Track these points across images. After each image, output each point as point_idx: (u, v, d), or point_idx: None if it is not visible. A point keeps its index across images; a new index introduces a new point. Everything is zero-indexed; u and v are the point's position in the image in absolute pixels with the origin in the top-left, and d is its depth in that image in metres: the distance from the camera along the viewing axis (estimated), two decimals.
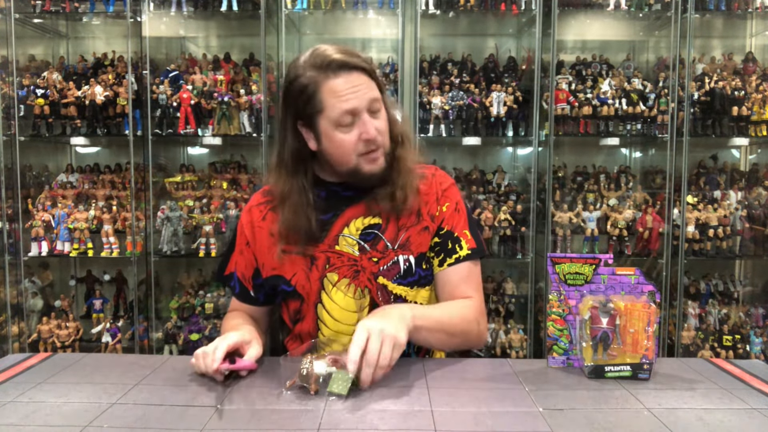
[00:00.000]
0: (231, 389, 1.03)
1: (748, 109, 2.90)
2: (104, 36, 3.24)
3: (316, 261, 1.29)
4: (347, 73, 1.20)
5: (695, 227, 2.88)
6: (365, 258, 1.29)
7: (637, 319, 1.07)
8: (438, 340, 1.22)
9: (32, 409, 0.94)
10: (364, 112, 1.21)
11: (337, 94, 1.19)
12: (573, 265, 1.14)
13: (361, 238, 1.29)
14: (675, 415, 0.93)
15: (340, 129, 1.22)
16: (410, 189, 1.28)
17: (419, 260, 1.30)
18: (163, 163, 3.08)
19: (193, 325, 2.93)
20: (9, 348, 2.95)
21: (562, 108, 2.86)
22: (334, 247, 1.29)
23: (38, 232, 2.91)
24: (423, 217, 1.32)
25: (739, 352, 2.86)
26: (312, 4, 2.91)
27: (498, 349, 2.90)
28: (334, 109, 1.20)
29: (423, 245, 1.31)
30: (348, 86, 1.20)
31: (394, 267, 1.29)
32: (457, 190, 1.39)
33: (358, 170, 1.25)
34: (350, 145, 1.22)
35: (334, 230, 1.30)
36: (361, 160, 1.24)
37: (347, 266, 1.29)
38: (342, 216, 1.30)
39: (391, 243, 1.30)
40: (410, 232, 1.30)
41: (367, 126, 1.21)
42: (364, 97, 1.21)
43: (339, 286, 1.29)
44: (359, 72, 1.21)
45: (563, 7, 2.85)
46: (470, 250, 1.31)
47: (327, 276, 1.29)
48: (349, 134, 1.22)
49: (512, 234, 2.91)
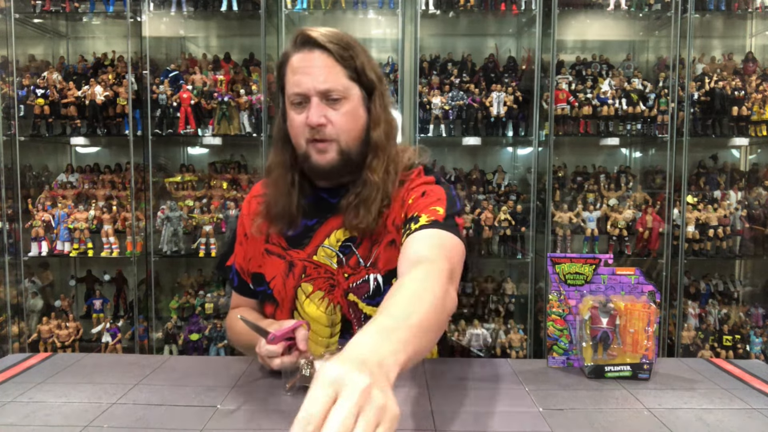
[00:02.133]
0: (231, 389, 1.03)
1: (748, 109, 2.90)
2: (104, 36, 3.24)
3: (294, 268, 1.25)
4: (308, 50, 1.14)
5: (695, 227, 2.88)
6: (341, 272, 1.22)
7: (637, 319, 1.07)
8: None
9: (32, 409, 0.94)
10: (313, 95, 1.13)
11: (293, 69, 1.15)
12: (573, 265, 1.14)
13: (339, 251, 1.22)
14: (675, 415, 0.93)
15: (293, 108, 1.17)
16: (375, 205, 1.17)
17: (387, 278, 1.20)
18: (163, 163, 3.08)
19: (193, 325, 2.93)
20: (9, 348, 2.95)
21: (562, 108, 2.86)
22: (312, 257, 1.23)
23: (38, 232, 2.91)
24: (388, 228, 1.21)
25: (739, 352, 2.86)
26: (312, 4, 2.91)
27: (498, 349, 2.90)
28: (288, 85, 1.16)
29: (391, 261, 1.19)
30: (303, 64, 1.13)
31: (363, 285, 1.21)
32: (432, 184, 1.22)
33: (308, 157, 1.18)
34: (298, 127, 1.16)
35: (317, 239, 1.24)
36: (310, 147, 1.17)
37: (323, 278, 1.23)
38: (326, 224, 1.24)
39: (364, 260, 1.21)
40: (378, 247, 1.21)
41: (311, 111, 1.13)
42: (315, 80, 1.12)
43: (312, 298, 1.23)
44: (323, 53, 1.13)
45: (563, 7, 2.85)
46: (429, 221, 1.09)
47: (301, 285, 1.24)
48: (299, 115, 1.16)
49: (512, 234, 2.91)
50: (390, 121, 1.23)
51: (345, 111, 1.15)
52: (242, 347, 1.33)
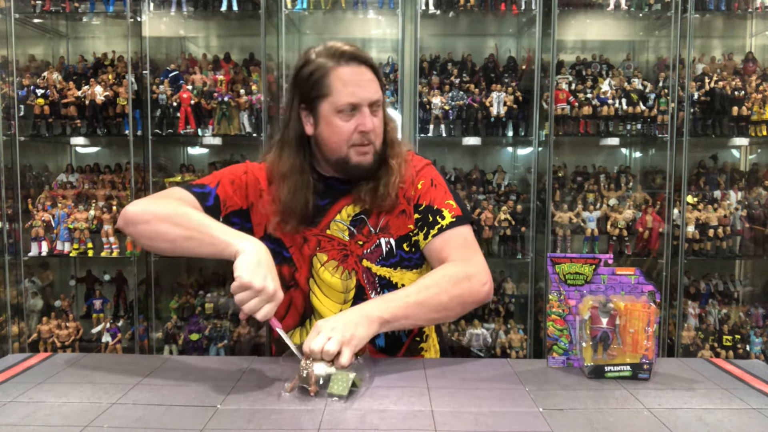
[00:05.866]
0: (231, 389, 1.03)
1: (748, 109, 2.90)
2: (104, 36, 3.24)
3: (308, 242, 1.34)
4: (357, 65, 1.27)
5: (695, 227, 2.88)
6: (353, 242, 1.34)
7: (637, 319, 1.07)
8: (423, 320, 1.22)
9: (32, 409, 0.94)
10: (365, 106, 1.27)
11: (345, 81, 1.25)
12: (573, 265, 1.14)
13: (351, 224, 1.34)
14: (675, 415, 0.93)
15: (340, 116, 1.26)
16: (392, 188, 1.32)
17: (399, 242, 1.34)
18: (163, 163, 3.08)
19: (193, 325, 2.93)
20: (9, 348, 2.95)
21: (562, 108, 2.86)
22: (325, 231, 1.34)
23: (38, 232, 2.91)
24: (399, 200, 1.35)
25: (739, 352, 2.86)
26: (312, 4, 2.90)
27: (498, 349, 2.90)
28: (339, 95, 1.25)
29: (402, 228, 1.35)
30: (356, 77, 1.26)
31: (376, 250, 1.34)
32: (432, 168, 1.42)
33: (348, 160, 1.30)
34: (346, 133, 1.27)
35: (329, 216, 1.35)
36: (352, 151, 1.29)
37: (337, 250, 1.34)
38: (337, 203, 1.35)
39: (374, 228, 1.35)
40: (389, 216, 1.35)
41: (366, 119, 1.27)
42: (368, 91, 1.27)
43: (327, 266, 1.33)
44: (367, 68, 1.28)
45: (563, 7, 2.85)
46: (454, 217, 1.31)
47: (317, 255, 1.34)
48: (348, 123, 1.27)
49: (512, 234, 2.91)
50: (392, 119, 1.41)
51: (380, 117, 1.32)
52: (168, 242, 1.17)
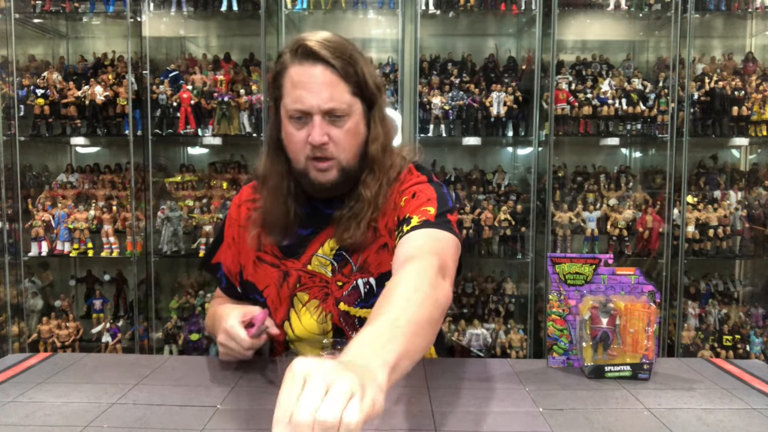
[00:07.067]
0: (231, 389, 1.03)
1: (748, 109, 2.90)
2: (104, 36, 3.24)
3: (289, 278, 1.23)
4: (311, 64, 1.07)
5: (695, 227, 2.88)
6: (334, 281, 1.21)
7: (637, 319, 1.07)
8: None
9: (32, 409, 0.94)
10: (316, 114, 1.08)
11: (294, 83, 1.08)
12: (573, 265, 1.14)
13: (333, 259, 1.21)
14: (675, 415, 0.93)
15: (292, 122, 1.11)
16: (365, 221, 1.15)
17: (381, 280, 1.18)
18: (163, 163, 3.08)
19: (193, 325, 2.92)
20: (9, 348, 2.95)
21: (562, 108, 2.86)
22: (306, 266, 1.22)
23: (38, 232, 2.90)
24: (380, 233, 1.18)
25: (739, 352, 2.86)
26: (312, 4, 2.91)
27: (498, 349, 2.90)
28: (287, 98, 1.10)
29: (383, 264, 1.17)
30: (306, 79, 1.07)
31: (354, 292, 1.19)
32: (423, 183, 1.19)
33: (307, 174, 1.14)
34: (299, 143, 1.11)
35: (311, 249, 1.22)
36: (310, 164, 1.12)
37: (318, 287, 1.22)
38: (320, 234, 1.22)
39: (355, 265, 1.20)
40: (368, 252, 1.19)
41: (314, 130, 1.08)
42: (319, 98, 1.07)
43: (308, 306, 1.22)
44: (327, 68, 1.07)
45: (563, 7, 2.85)
46: (420, 221, 1.08)
47: (297, 295, 1.23)
48: (299, 131, 1.10)
49: (512, 234, 2.91)
50: (387, 132, 1.19)
51: (347, 128, 1.11)
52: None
